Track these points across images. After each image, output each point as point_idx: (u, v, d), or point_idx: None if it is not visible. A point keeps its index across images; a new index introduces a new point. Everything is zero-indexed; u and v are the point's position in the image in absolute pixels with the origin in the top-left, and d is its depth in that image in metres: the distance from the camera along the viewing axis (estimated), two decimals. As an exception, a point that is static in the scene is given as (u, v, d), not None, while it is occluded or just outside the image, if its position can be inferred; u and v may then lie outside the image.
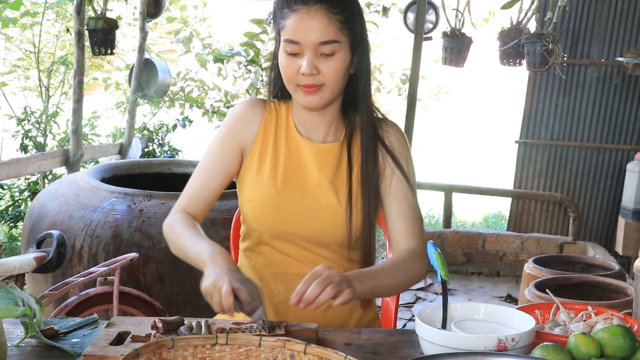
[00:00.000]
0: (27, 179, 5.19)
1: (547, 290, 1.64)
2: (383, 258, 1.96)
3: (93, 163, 5.25)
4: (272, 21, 1.59)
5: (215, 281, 1.34)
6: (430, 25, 4.91)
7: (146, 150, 5.64)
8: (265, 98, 1.68)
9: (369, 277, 1.44)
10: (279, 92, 1.65)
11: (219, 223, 2.73)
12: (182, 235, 1.53)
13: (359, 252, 1.61)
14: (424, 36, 4.49)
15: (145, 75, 5.23)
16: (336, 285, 1.32)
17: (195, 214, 1.60)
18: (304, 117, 1.61)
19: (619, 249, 4.78)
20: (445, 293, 1.34)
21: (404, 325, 3.83)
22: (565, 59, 4.85)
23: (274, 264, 1.62)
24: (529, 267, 3.57)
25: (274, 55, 1.59)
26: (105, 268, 2.44)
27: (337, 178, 1.58)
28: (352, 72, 1.57)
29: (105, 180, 3.29)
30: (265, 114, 1.62)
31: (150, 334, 1.34)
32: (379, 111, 1.64)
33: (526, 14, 3.96)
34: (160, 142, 5.82)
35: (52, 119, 5.50)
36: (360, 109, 1.59)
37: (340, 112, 1.62)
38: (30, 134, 5.32)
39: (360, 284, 1.39)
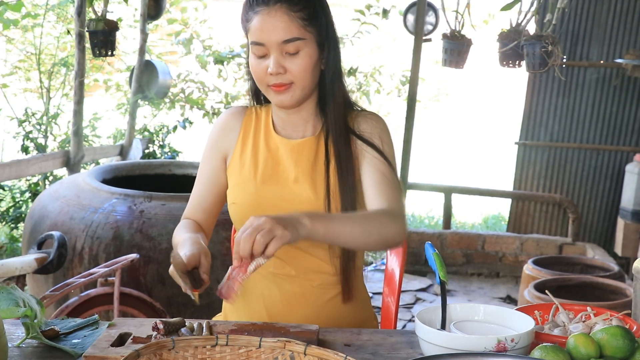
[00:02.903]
0: (28, 180, 5.20)
1: (546, 291, 1.64)
2: (383, 260, 1.96)
3: (94, 164, 5.25)
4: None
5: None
6: (430, 27, 4.91)
7: (147, 151, 5.65)
8: (247, 105, 1.69)
9: (326, 218, 1.39)
10: (258, 95, 1.67)
11: (219, 224, 2.72)
12: (177, 236, 1.56)
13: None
14: (424, 38, 4.50)
15: (145, 76, 5.24)
16: (266, 232, 1.25)
17: (200, 224, 1.63)
18: (281, 117, 1.63)
19: (618, 250, 4.79)
20: (444, 294, 1.34)
21: (404, 326, 3.83)
22: (564, 60, 4.86)
23: (263, 266, 1.63)
24: (529, 268, 3.58)
25: (247, 60, 1.60)
26: (106, 269, 2.44)
27: (315, 172, 1.59)
28: (323, 68, 1.57)
29: (105, 181, 3.30)
30: (244, 120, 1.65)
31: (152, 335, 1.34)
32: (356, 104, 1.64)
33: (525, 15, 3.96)
34: (161, 143, 5.82)
35: (53, 121, 5.52)
36: (328, 103, 1.59)
37: (316, 108, 1.63)
38: (31, 136, 5.33)
39: (312, 221, 1.33)
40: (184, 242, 1.44)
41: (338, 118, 1.59)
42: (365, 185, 1.56)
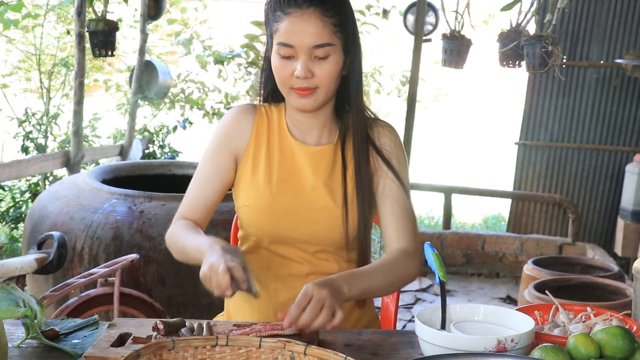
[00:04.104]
0: (28, 180, 5.19)
1: (546, 291, 1.64)
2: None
3: (94, 164, 5.25)
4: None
5: (211, 264, 1.34)
6: (430, 27, 4.91)
7: (147, 151, 5.64)
8: (255, 103, 1.68)
9: (359, 279, 1.44)
10: (270, 94, 1.65)
11: (219, 224, 2.74)
12: (183, 237, 1.54)
13: (356, 252, 1.61)
14: (424, 38, 4.50)
15: (145, 77, 5.24)
16: (329, 308, 1.31)
17: (196, 221, 1.60)
18: (297, 120, 1.62)
19: (618, 250, 4.79)
20: (443, 294, 1.34)
21: (404, 326, 3.83)
22: (564, 60, 4.86)
23: (273, 266, 1.63)
24: (529, 268, 3.58)
25: (265, 58, 1.60)
26: (106, 269, 2.44)
27: (332, 180, 1.59)
28: (345, 74, 1.57)
29: (105, 181, 3.30)
30: (256, 119, 1.63)
31: (152, 335, 1.34)
32: (370, 111, 1.64)
33: (525, 15, 3.96)
34: (161, 143, 5.82)
35: (53, 121, 5.51)
36: (352, 110, 1.59)
37: (333, 114, 1.63)
38: (31, 136, 5.32)
39: (349, 288, 1.40)
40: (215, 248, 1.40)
41: (361, 126, 1.59)
42: (385, 215, 1.59)
